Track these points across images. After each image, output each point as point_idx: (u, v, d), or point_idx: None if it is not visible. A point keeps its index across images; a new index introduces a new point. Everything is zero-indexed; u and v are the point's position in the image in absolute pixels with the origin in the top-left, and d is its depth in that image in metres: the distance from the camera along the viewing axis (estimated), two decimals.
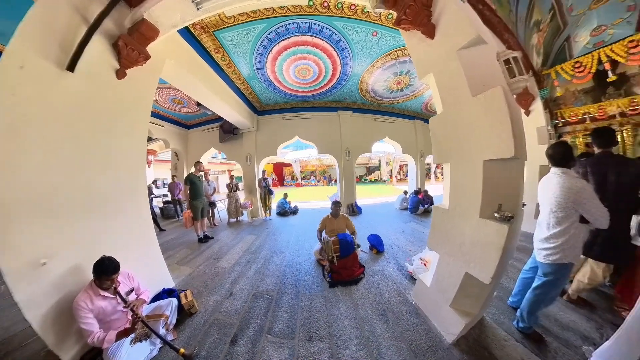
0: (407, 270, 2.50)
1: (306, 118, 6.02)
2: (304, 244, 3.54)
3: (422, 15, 1.54)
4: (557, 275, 1.39)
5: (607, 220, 1.27)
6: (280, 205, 6.34)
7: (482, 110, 1.30)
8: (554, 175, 1.39)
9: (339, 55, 3.55)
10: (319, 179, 21.23)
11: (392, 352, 1.44)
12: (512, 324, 1.62)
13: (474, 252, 1.38)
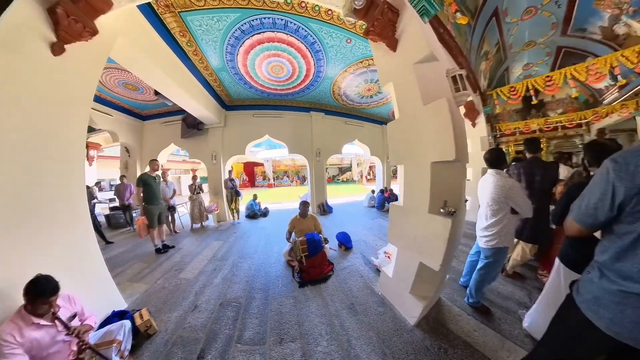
0: (374, 263, 2.66)
1: (278, 117, 5.86)
2: (274, 247, 3.47)
3: (388, 29, 1.70)
4: (496, 257, 1.67)
5: (531, 210, 1.58)
6: (249, 208, 6.03)
7: (430, 118, 1.50)
8: (490, 175, 1.69)
9: (313, 56, 3.57)
10: (292, 179, 20.78)
11: (361, 342, 1.52)
12: (464, 301, 1.89)
13: (425, 244, 1.56)
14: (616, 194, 0.65)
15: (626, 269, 0.65)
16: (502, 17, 3.44)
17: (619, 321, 0.65)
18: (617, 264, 0.68)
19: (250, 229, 4.83)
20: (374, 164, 9.62)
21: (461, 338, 1.53)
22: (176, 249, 3.54)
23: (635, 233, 0.63)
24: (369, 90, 5.09)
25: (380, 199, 6.43)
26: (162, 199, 3.67)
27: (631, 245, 0.64)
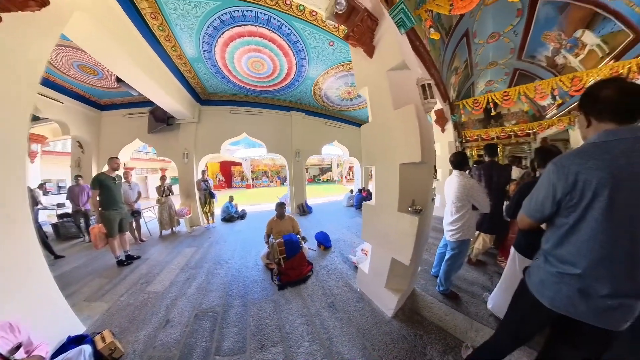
0: (352, 261, 2.74)
1: (256, 114, 5.62)
2: (252, 251, 3.32)
3: (366, 36, 1.77)
4: (461, 249, 1.88)
5: (489, 207, 1.80)
6: (225, 210, 5.68)
7: (400, 122, 1.58)
8: (454, 176, 1.88)
9: (295, 55, 3.54)
10: (272, 180, 20.07)
11: (343, 339, 1.56)
12: (435, 289, 2.07)
13: (395, 241, 1.67)
14: (556, 192, 0.78)
15: (562, 254, 0.80)
16: (471, 38, 3.98)
17: (558, 298, 0.80)
18: (556, 251, 0.82)
19: (226, 233, 4.54)
20: (353, 164, 9.93)
21: (434, 323, 1.69)
22: (142, 260, 3.17)
23: (568, 224, 0.77)
24: (349, 94, 5.25)
25: (358, 198, 6.69)
26: (124, 202, 3.26)
27: (565, 234, 0.78)
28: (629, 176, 0.66)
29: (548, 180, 0.80)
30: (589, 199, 0.71)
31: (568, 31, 3.68)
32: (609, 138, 0.71)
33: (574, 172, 0.73)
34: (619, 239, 0.69)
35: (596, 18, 3.22)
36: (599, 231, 0.71)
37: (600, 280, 0.72)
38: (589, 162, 0.71)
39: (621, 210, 0.68)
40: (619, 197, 0.67)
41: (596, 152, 0.72)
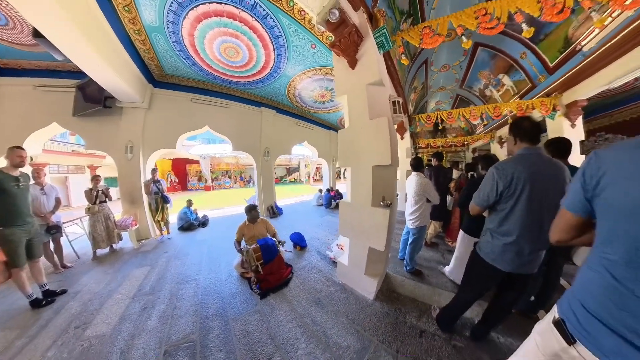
0: (329, 257, 2.88)
1: (223, 106, 5.01)
2: (221, 261, 2.98)
3: (351, 49, 1.94)
4: (420, 233, 2.38)
5: (438, 200, 2.37)
6: (182, 217, 4.87)
7: (374, 130, 1.83)
8: (414, 175, 2.38)
9: (274, 49, 3.38)
10: (234, 180, 18.06)
11: (336, 330, 1.65)
12: (404, 270, 2.49)
13: (371, 231, 1.90)
14: (498, 186, 1.14)
15: (503, 230, 1.17)
16: (429, 65, 4.93)
17: (504, 260, 1.18)
18: (499, 228, 1.18)
19: (186, 244, 3.89)
20: (321, 165, 10.20)
21: (407, 296, 2.05)
22: (70, 295, 2.28)
23: (507, 209, 1.14)
24: (322, 97, 5.37)
25: (327, 197, 6.94)
26: (34, 214, 2.38)
27: (505, 216, 1.15)
28: (537, 175, 1.08)
29: (492, 179, 1.16)
30: (519, 190, 1.09)
31: (495, 73, 4.94)
32: (527, 152, 1.13)
33: (510, 173, 1.11)
34: (534, 215, 1.09)
35: (512, 68, 4.46)
36: (524, 211, 1.10)
37: (526, 243, 1.12)
38: (519, 167, 1.10)
39: (534, 196, 1.08)
40: (533, 188, 1.07)
41: (521, 161, 1.12)
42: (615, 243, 0.57)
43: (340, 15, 1.78)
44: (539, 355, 0.71)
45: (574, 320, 0.62)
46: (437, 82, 5.96)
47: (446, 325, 1.58)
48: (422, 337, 1.56)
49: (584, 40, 3.00)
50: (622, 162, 0.56)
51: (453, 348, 1.46)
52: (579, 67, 3.30)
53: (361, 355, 1.44)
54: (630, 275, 0.53)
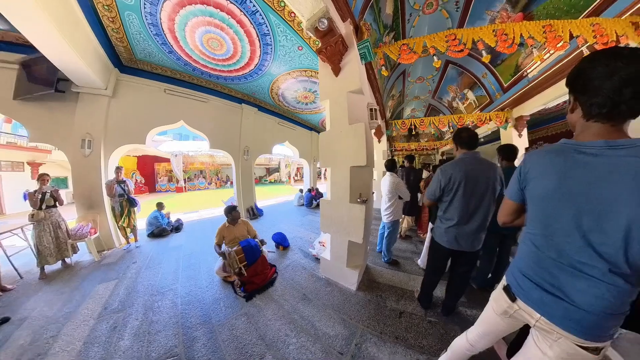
0: (312, 254, 2.99)
1: (201, 100, 4.65)
2: (201, 267, 2.82)
3: (336, 57, 2.09)
4: (394, 227, 2.63)
5: (408, 197, 2.58)
6: (152, 222, 4.33)
7: (352, 134, 2.00)
8: (388, 175, 2.61)
9: (261, 47, 3.32)
10: (210, 181, 16.55)
11: (324, 321, 1.75)
12: (382, 261, 2.73)
13: (349, 226, 2.08)
14: (441, 183, 1.45)
15: (447, 216, 1.48)
16: (406, 76, 5.46)
17: (450, 240, 1.48)
18: (444, 215, 1.50)
19: (158, 252, 3.48)
20: (301, 165, 10.21)
21: (387, 284, 2.27)
22: (14, 323, 1.88)
23: (449, 200, 1.45)
24: (305, 98, 5.41)
25: (308, 197, 7.02)
26: None
27: (447, 205, 1.47)
28: (470, 173, 1.40)
29: (437, 178, 1.49)
30: (457, 185, 1.41)
31: (461, 88, 5.69)
32: (465, 156, 1.46)
33: (450, 173, 1.43)
34: (468, 204, 1.41)
35: (475, 85, 5.18)
36: (461, 201, 1.41)
37: (464, 225, 1.43)
38: (456, 168, 1.42)
39: (468, 191, 1.40)
40: (467, 183, 1.39)
41: (459, 163, 1.44)
42: (535, 221, 0.74)
43: (328, 24, 1.88)
44: (494, 315, 0.89)
45: (514, 283, 0.80)
46: (413, 91, 6.62)
47: (426, 303, 1.86)
48: (401, 318, 1.78)
49: (529, 68, 3.72)
50: (539, 163, 0.73)
51: (428, 323, 1.71)
52: (525, 89, 4.02)
53: (349, 340, 1.57)
54: (545, 244, 0.70)
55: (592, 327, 0.62)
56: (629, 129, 0.61)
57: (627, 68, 0.55)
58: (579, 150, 0.63)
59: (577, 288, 0.63)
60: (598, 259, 0.59)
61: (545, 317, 0.69)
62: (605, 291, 0.59)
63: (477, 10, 3.24)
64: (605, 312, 0.60)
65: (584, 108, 0.64)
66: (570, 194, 0.63)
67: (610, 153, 0.59)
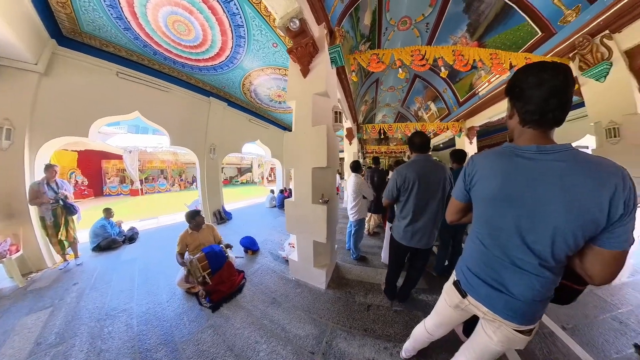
0: (282, 256, 2.95)
1: (162, 89, 4.06)
2: (159, 281, 2.50)
3: (306, 58, 2.12)
4: (360, 225, 2.77)
5: (371, 196, 2.78)
6: (99, 233, 3.56)
7: (315, 136, 2.03)
8: (352, 176, 2.77)
9: (233, 38, 3.10)
10: (173, 182, 14.27)
11: (295, 323, 1.74)
12: (351, 258, 2.86)
13: (313, 226, 2.10)
14: (397, 184, 1.57)
15: (403, 214, 1.60)
16: (379, 84, 5.92)
17: (406, 238, 1.60)
18: (401, 214, 1.61)
19: (107, 268, 2.90)
20: (274, 165, 9.94)
21: (355, 280, 2.37)
22: None
23: (404, 200, 1.57)
24: (279, 96, 5.27)
25: (281, 198, 6.85)
26: None
27: (404, 204, 1.59)
28: (422, 174, 1.52)
29: (393, 179, 1.60)
30: (411, 185, 1.52)
31: (425, 100, 6.47)
32: (417, 158, 1.59)
33: (404, 174, 1.54)
34: (420, 203, 1.53)
35: (437, 98, 5.95)
36: (414, 201, 1.53)
37: (417, 224, 1.56)
38: (410, 169, 1.54)
39: (420, 190, 1.51)
40: (420, 184, 1.51)
41: (413, 165, 1.56)
42: (482, 222, 0.78)
43: (300, 25, 1.88)
44: (447, 307, 0.96)
45: (464, 280, 0.85)
46: (385, 99, 7.25)
47: (391, 295, 2.00)
48: (369, 310, 1.88)
49: (480, 87, 4.53)
50: (483, 165, 0.77)
51: (394, 312, 1.85)
52: (476, 105, 4.83)
53: (320, 339, 1.59)
54: (492, 243, 0.75)
55: (525, 314, 0.71)
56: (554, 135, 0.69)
57: (553, 80, 0.61)
58: (517, 154, 0.69)
59: (515, 282, 0.70)
60: (532, 255, 0.66)
61: (491, 310, 0.76)
62: (536, 282, 0.67)
63: (443, 34, 3.75)
64: (534, 300, 0.69)
65: (520, 115, 0.70)
66: (512, 195, 0.68)
67: (541, 157, 0.64)
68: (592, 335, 1.59)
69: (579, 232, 0.59)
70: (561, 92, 0.61)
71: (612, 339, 1.56)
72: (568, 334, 1.60)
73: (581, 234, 0.59)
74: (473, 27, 3.48)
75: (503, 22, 3.13)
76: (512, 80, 0.70)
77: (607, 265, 0.60)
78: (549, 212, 0.62)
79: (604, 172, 0.57)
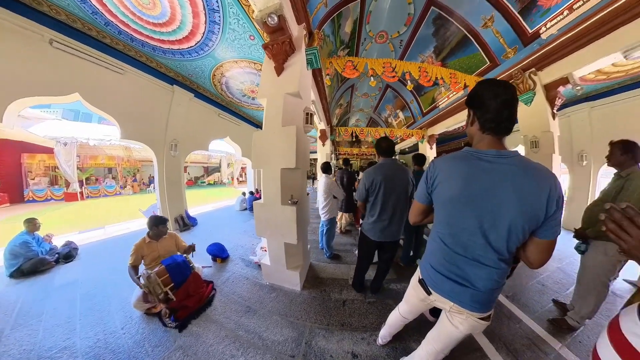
0: (254, 261, 2.81)
1: (113, 69, 3.31)
2: (110, 305, 2.05)
3: (281, 56, 2.07)
4: (331, 224, 2.89)
5: (341, 196, 2.89)
6: (18, 253, 2.72)
7: (284, 137, 1.99)
8: (323, 177, 2.90)
9: (207, 23, 2.79)
10: (124, 183, 11.66)
11: (272, 329, 1.70)
12: (324, 257, 2.92)
13: (283, 227, 2.05)
14: (366, 185, 1.69)
15: (372, 213, 1.73)
16: (354, 90, 6.30)
17: (375, 233, 1.74)
18: (370, 212, 1.76)
19: (35, 298, 2.23)
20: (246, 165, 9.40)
21: (330, 278, 2.43)
22: None
23: (373, 199, 1.71)
24: (252, 92, 5.01)
25: (252, 200, 6.48)
26: None
27: (372, 204, 1.73)
28: (388, 176, 1.67)
29: (363, 181, 1.73)
30: (378, 187, 1.67)
31: (395, 108, 7.31)
32: (384, 162, 1.74)
33: (372, 176, 1.68)
34: (386, 202, 1.69)
35: (405, 107, 6.76)
36: (381, 200, 1.68)
37: (384, 220, 1.70)
38: (377, 172, 1.68)
39: (386, 191, 1.67)
40: (386, 185, 1.66)
41: (379, 168, 1.70)
42: (443, 222, 0.83)
43: (279, 21, 1.84)
44: (414, 299, 1.04)
45: (428, 278, 0.91)
46: (359, 104, 7.88)
47: (359, 287, 2.11)
48: (345, 306, 1.95)
49: (440, 101, 5.25)
50: (445, 168, 0.82)
51: (368, 304, 1.96)
52: (436, 116, 5.55)
53: (299, 341, 1.57)
54: (453, 241, 0.80)
55: (487, 302, 0.80)
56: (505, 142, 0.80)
57: (505, 94, 0.71)
58: (478, 157, 0.75)
59: (478, 276, 0.77)
60: (492, 251, 0.74)
61: (457, 304, 0.82)
62: (495, 274, 0.76)
63: (414, 51, 4.34)
64: (492, 289, 0.78)
65: (480, 122, 0.77)
66: (474, 197, 0.73)
67: (500, 161, 0.72)
68: (525, 298, 2.08)
69: (527, 226, 0.69)
70: (511, 105, 0.72)
71: (538, 297, 2.10)
72: (509, 301, 2.03)
73: (528, 229, 0.70)
74: (439, 49, 4.05)
75: (462, 49, 3.76)
76: (474, 92, 0.78)
77: (543, 252, 0.72)
78: (505, 211, 0.69)
79: (542, 177, 0.68)
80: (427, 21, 3.65)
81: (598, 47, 2.33)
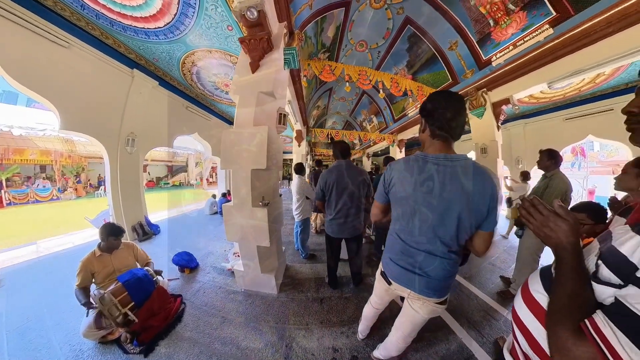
0: (227, 268, 2.59)
1: (54, 40, 2.67)
2: (51, 338, 1.65)
3: (257, 53, 2.00)
4: (305, 224, 2.91)
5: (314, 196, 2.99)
6: None
7: (255, 136, 1.89)
8: (296, 178, 2.92)
9: (180, 4, 2.51)
10: (64, 185, 9.54)
11: (250, 338, 1.62)
12: (301, 257, 2.93)
13: (255, 230, 1.96)
14: (321, 185, 1.86)
15: (329, 211, 1.91)
16: (332, 93, 6.64)
17: (334, 230, 1.92)
18: (327, 210, 1.93)
19: None
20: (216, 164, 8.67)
21: (306, 278, 2.43)
22: None
23: (328, 198, 1.87)
24: (226, 86, 4.71)
25: (223, 202, 6.08)
26: None
27: (328, 202, 1.88)
28: (341, 176, 1.83)
29: (319, 182, 1.87)
30: (331, 187, 1.82)
31: (369, 113, 7.84)
32: (339, 163, 1.86)
33: (326, 177, 1.83)
34: (339, 199, 1.83)
35: (379, 113, 7.34)
36: (335, 199, 1.83)
37: (339, 217, 1.85)
38: (331, 173, 1.83)
39: (339, 190, 1.82)
40: (339, 185, 1.82)
41: (334, 170, 1.84)
42: (399, 219, 0.91)
43: (258, 16, 1.78)
44: (380, 290, 1.15)
45: (388, 270, 1.00)
46: (336, 107, 8.31)
47: (333, 284, 2.20)
48: (322, 304, 1.98)
49: (409, 110, 5.91)
50: (399, 170, 0.90)
51: (345, 300, 2.03)
52: (406, 123, 6.27)
53: (279, 345, 1.54)
54: (407, 236, 0.89)
55: (442, 289, 0.90)
56: None
57: (456, 105, 0.80)
58: (427, 160, 0.83)
59: (431, 266, 0.86)
60: (442, 245, 0.83)
61: (414, 291, 0.92)
62: (447, 264, 0.85)
63: (389, 63, 4.86)
64: (446, 277, 0.88)
65: (431, 129, 0.85)
66: (423, 196, 0.81)
67: (449, 163, 0.80)
68: (479, 278, 2.43)
69: (474, 221, 0.79)
70: (460, 114, 0.81)
71: (489, 275, 2.50)
72: (467, 282, 2.34)
73: (474, 223, 0.80)
74: (411, 64, 4.60)
75: (430, 66, 4.31)
76: (427, 102, 0.86)
77: (486, 241, 0.83)
78: (454, 209, 0.78)
79: (486, 178, 0.78)
80: (402, 37, 4.15)
81: (531, 77, 3.00)
